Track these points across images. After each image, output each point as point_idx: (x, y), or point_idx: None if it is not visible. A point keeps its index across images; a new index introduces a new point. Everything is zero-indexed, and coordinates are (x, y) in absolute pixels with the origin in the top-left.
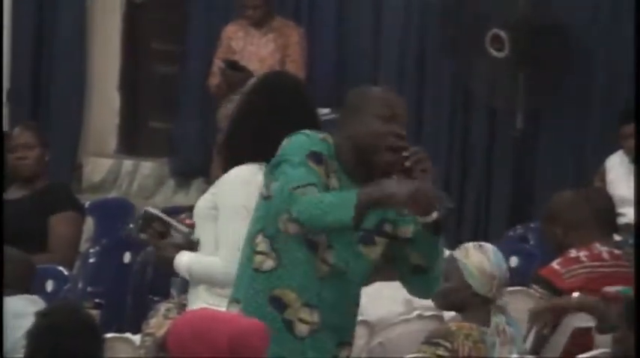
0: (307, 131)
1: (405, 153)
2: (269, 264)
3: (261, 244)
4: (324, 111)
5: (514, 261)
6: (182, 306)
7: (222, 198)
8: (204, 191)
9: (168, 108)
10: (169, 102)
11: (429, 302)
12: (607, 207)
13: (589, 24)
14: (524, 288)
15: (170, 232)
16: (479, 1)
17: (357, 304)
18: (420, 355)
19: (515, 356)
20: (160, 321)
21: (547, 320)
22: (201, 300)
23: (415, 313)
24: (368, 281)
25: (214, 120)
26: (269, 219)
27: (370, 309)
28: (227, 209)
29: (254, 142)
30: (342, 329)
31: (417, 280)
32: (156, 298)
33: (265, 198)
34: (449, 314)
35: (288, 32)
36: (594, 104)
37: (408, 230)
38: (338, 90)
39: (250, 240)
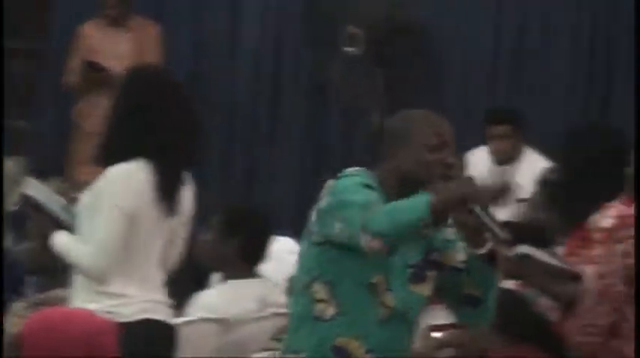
0: (359, 175)
1: None
2: (330, 311)
3: (320, 292)
4: None
5: None
6: (36, 305)
7: (101, 195)
8: (60, 189)
9: (25, 106)
10: (26, 101)
11: (283, 300)
12: None
13: (446, 25)
14: None
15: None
16: None
17: (408, 349)
18: (269, 351)
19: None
20: (14, 320)
21: None
22: (79, 299)
23: (270, 311)
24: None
25: (70, 119)
26: (326, 265)
27: (224, 307)
28: (103, 207)
29: (135, 139)
30: None
31: (469, 311)
32: (11, 297)
33: (319, 243)
34: None
35: (146, 30)
36: (450, 103)
37: (456, 257)
38: (195, 88)
39: (305, 288)
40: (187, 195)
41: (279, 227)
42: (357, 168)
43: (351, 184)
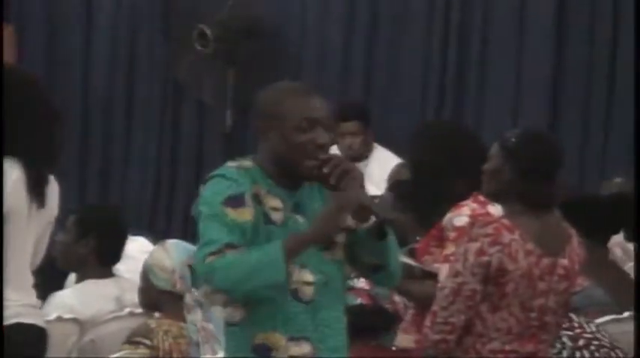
0: (223, 168)
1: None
2: (239, 313)
3: None
4: None
5: None
6: None
7: None
8: None
9: None
10: None
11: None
12: None
13: (297, 23)
14: None
15: None
16: None
17: (344, 322)
18: (122, 354)
19: (220, 355)
20: None
21: None
22: None
23: (126, 310)
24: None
25: None
26: None
27: (80, 307)
28: None
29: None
30: (337, 350)
31: (378, 276)
32: None
33: None
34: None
35: None
36: None
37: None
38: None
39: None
40: (53, 193)
41: (134, 226)
42: (232, 162)
43: (215, 196)
